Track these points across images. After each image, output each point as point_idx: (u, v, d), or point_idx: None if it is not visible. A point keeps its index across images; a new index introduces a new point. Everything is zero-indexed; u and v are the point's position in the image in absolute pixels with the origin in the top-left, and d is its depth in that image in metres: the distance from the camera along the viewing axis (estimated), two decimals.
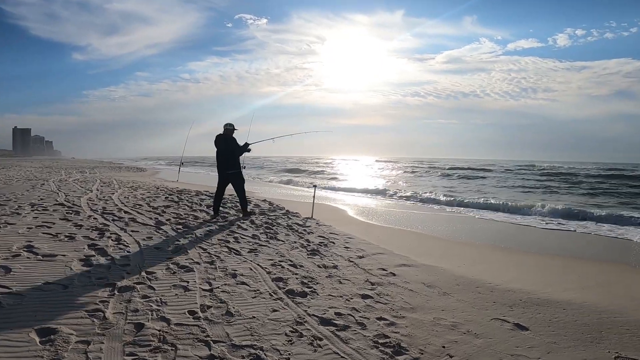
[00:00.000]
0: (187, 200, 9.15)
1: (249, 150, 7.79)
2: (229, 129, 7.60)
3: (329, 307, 3.36)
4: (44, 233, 5.06)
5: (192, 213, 7.50)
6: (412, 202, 13.78)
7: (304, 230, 6.65)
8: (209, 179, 23.74)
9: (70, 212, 6.79)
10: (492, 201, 12.49)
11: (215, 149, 7.59)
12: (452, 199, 13.60)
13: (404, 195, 15.22)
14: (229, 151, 7.53)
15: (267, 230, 6.34)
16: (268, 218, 7.49)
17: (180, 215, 7.19)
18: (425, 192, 15.74)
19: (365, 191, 16.85)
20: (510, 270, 5.07)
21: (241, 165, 7.72)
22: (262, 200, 10.15)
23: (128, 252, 4.53)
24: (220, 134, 7.59)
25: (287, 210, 8.59)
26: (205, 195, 10.47)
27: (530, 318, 3.41)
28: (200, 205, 8.59)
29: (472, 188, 20.30)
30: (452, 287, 4.14)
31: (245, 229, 6.34)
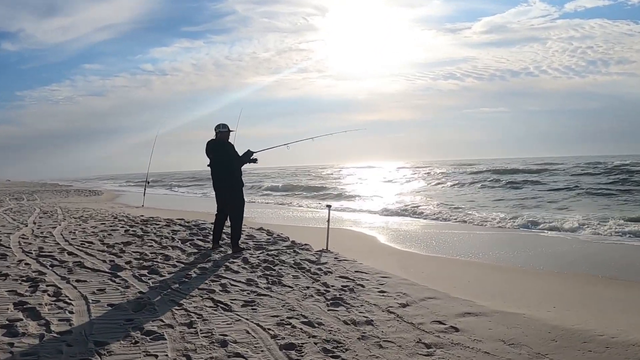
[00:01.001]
0: (155, 234, 8.98)
1: (253, 161, 7.61)
2: (223, 131, 7.38)
3: None
4: None
5: (161, 252, 7.30)
6: (459, 220, 13.53)
7: (319, 269, 6.43)
8: (182, 202, 23.88)
9: None
10: (571, 214, 12.05)
11: (208, 160, 7.42)
12: (514, 212, 13.25)
13: (447, 211, 14.98)
14: (224, 162, 7.34)
15: (268, 272, 6.14)
16: (267, 254, 7.29)
17: (145, 255, 7.03)
18: (476, 205, 15.40)
19: (392, 209, 16.64)
20: (625, 312, 4.81)
21: (243, 181, 7.54)
22: (258, 229, 9.91)
23: (70, 312, 4.31)
24: (212, 139, 7.41)
25: (292, 242, 8.41)
26: (179, 225, 10.24)
27: None
28: (173, 240, 8.39)
29: (538, 197, 19.99)
30: (546, 344, 3.84)
31: (237, 272, 6.14)
